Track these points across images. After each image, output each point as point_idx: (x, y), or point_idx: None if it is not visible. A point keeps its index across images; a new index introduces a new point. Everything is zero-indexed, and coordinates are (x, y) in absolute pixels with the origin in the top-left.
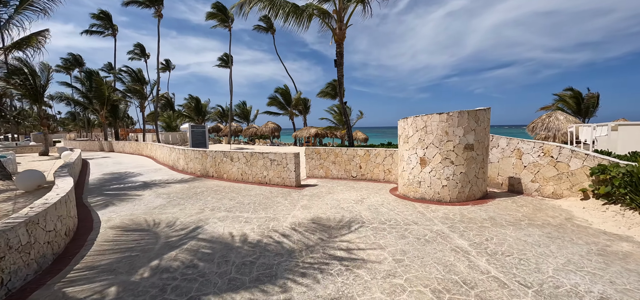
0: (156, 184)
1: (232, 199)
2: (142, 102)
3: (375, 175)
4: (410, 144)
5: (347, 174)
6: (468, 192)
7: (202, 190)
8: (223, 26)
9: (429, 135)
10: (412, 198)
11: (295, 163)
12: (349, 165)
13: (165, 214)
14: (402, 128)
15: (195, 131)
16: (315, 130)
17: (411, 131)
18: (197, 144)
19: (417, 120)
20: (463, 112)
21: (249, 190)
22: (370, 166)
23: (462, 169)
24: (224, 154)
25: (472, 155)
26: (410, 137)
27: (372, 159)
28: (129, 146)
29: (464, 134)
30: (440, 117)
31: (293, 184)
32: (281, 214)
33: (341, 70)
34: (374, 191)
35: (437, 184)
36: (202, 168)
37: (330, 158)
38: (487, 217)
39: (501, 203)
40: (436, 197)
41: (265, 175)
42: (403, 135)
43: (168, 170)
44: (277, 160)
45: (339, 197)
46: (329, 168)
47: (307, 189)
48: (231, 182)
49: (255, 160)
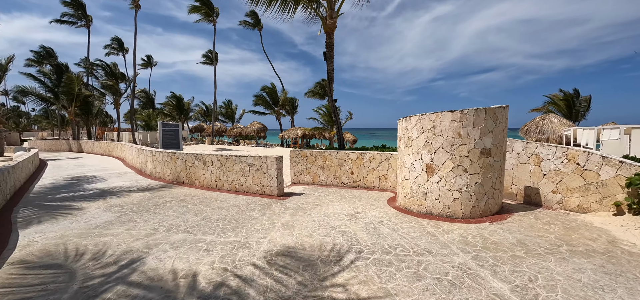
0: (113, 193)
1: (197, 214)
2: (117, 98)
3: (369, 183)
4: (414, 148)
5: (337, 180)
6: (484, 206)
7: (165, 201)
8: (207, 20)
9: (438, 137)
10: (416, 212)
11: (277, 169)
12: (339, 170)
13: (105, 236)
14: (403, 129)
15: (167, 130)
16: (303, 131)
17: (415, 132)
18: (169, 144)
19: (423, 119)
20: (480, 110)
21: (221, 201)
22: (363, 172)
23: (478, 178)
24: (196, 157)
25: (489, 162)
26: (415, 140)
27: (366, 163)
28: (98, 146)
29: (481, 136)
30: (452, 116)
31: (275, 193)
32: (255, 238)
33: (331, 64)
34: (369, 202)
35: (447, 197)
36: (171, 173)
37: (318, 162)
38: (515, 241)
39: (523, 219)
40: (446, 212)
41: (243, 183)
42: (405, 137)
43: (134, 174)
44: (256, 165)
45: (329, 211)
46: (317, 173)
47: (291, 199)
48: (203, 190)
49: (231, 164)
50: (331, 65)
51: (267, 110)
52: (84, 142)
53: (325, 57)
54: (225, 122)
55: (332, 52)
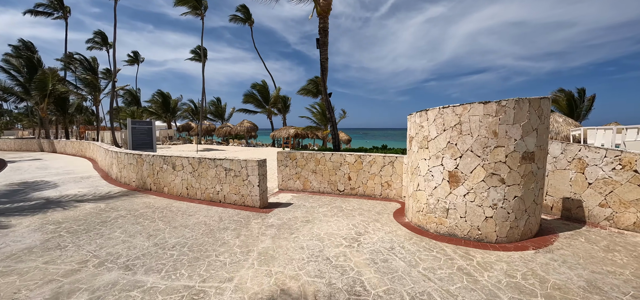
0: (60, 204)
1: (151, 236)
2: (97, 95)
3: (369, 190)
4: (431, 151)
5: (332, 187)
6: (523, 226)
7: (118, 216)
8: (195, 14)
9: (466, 137)
10: (433, 233)
11: (260, 175)
12: (334, 175)
13: (9, 274)
14: (416, 126)
15: (138, 128)
16: (295, 130)
17: (434, 131)
18: (140, 145)
19: (445, 114)
20: (522, 101)
21: (189, 216)
22: (362, 177)
23: (518, 190)
24: (165, 160)
25: (531, 169)
26: (433, 140)
27: (366, 168)
28: (71, 146)
29: (523, 136)
30: (486, 109)
31: (256, 204)
32: (216, 280)
33: (325, 52)
34: (372, 217)
35: (476, 215)
36: (137, 178)
37: (309, 165)
38: (584, 284)
39: (573, 244)
40: (475, 235)
41: (219, 191)
42: (418, 136)
43: (99, 179)
44: (234, 170)
45: (322, 231)
46: (308, 179)
47: (276, 212)
48: (172, 200)
49: (205, 169)
50: (325, 54)
51: (258, 108)
52: (57, 142)
53: (318, 45)
54: (215, 121)
55: (326, 39)
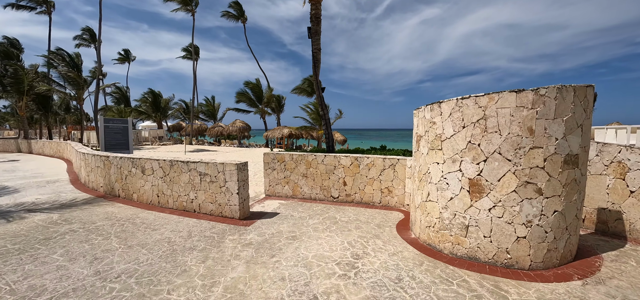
0: (8, 213)
1: (96, 260)
2: (80, 93)
3: (367, 197)
4: (447, 153)
5: (325, 193)
6: (563, 248)
7: (67, 231)
8: (185, 10)
9: (492, 135)
10: (448, 254)
11: (239, 181)
12: (327, 180)
13: None
14: (425, 122)
15: (111, 127)
16: (289, 131)
17: (450, 128)
18: (114, 145)
19: (465, 106)
20: (566, 88)
21: (152, 231)
22: (359, 182)
23: (557, 204)
24: (133, 163)
25: (574, 176)
26: (448, 140)
27: (363, 171)
28: (49, 147)
29: (566, 133)
30: (520, 99)
31: (236, 215)
32: None
33: (318, 42)
34: (371, 232)
35: (505, 234)
36: (105, 183)
37: (299, 168)
38: None
39: (623, 268)
40: (503, 259)
41: (193, 199)
42: (429, 135)
43: (67, 183)
44: (210, 174)
45: (311, 253)
46: (298, 184)
47: (258, 225)
48: (139, 209)
49: (177, 174)
50: (317, 44)
51: (251, 108)
52: (35, 142)
53: (310, 34)
54: (207, 121)
55: (318, 27)
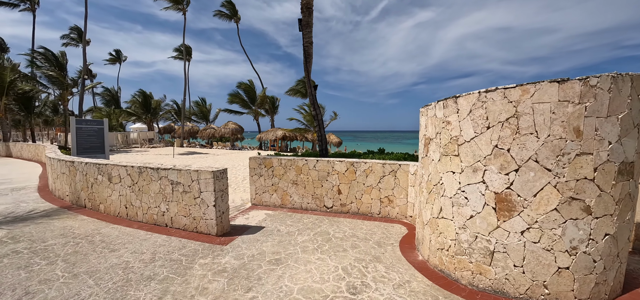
0: None
1: (26, 296)
2: (65, 93)
3: (364, 207)
4: (465, 160)
5: (317, 202)
6: (613, 281)
7: (7, 253)
8: (176, 8)
9: (527, 137)
10: (467, 286)
11: (216, 191)
12: (320, 188)
13: None
14: (436, 122)
15: (84, 129)
16: (283, 133)
17: (469, 128)
18: (87, 149)
19: (490, 100)
20: (621, 78)
21: (110, 253)
22: (356, 191)
23: (609, 225)
24: (99, 170)
25: (628, 189)
26: (468, 144)
27: (360, 178)
28: (27, 150)
29: (621, 135)
30: (563, 91)
31: (212, 230)
32: None
33: (309, 35)
34: (371, 252)
35: (543, 263)
36: (71, 191)
37: (289, 175)
38: None
39: None
40: (540, 295)
41: (164, 212)
42: (441, 137)
43: (33, 191)
44: (182, 183)
45: (297, 285)
46: (288, 192)
47: (237, 244)
48: (105, 222)
49: (147, 182)
50: (309, 37)
51: (244, 109)
52: (13, 145)
53: (301, 26)
54: (199, 123)
55: (310, 18)
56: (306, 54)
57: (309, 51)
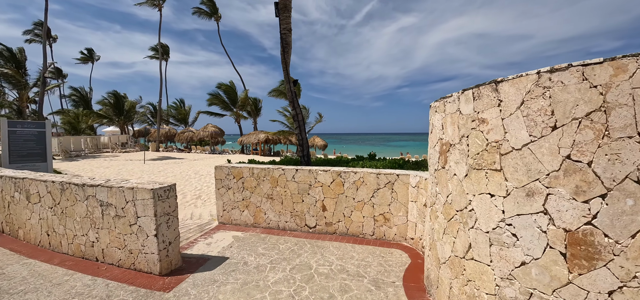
0: None
1: None
2: (23, 93)
3: (355, 227)
4: (514, 176)
5: (298, 221)
6: None
7: None
8: (152, 5)
9: (624, 143)
10: None
11: (158, 216)
12: (300, 203)
13: None
14: (463, 120)
15: (19, 133)
16: (265, 135)
17: (520, 129)
18: (23, 157)
19: (558, 84)
20: None
21: None
22: (344, 207)
23: None
24: (16, 185)
25: None
26: (514, 153)
27: (349, 192)
28: None
29: None
30: None
31: (154, 269)
32: None
33: (287, 22)
34: (367, 298)
35: None
36: None
37: (263, 187)
38: None
39: None
40: None
41: (93, 242)
42: (470, 142)
43: None
44: (115, 205)
45: None
46: (261, 208)
47: (185, 289)
48: (18, 255)
49: (71, 202)
50: (287, 23)
51: (225, 111)
52: None
53: (278, 10)
54: (177, 126)
55: (288, 2)
56: (284, 42)
57: (288, 39)
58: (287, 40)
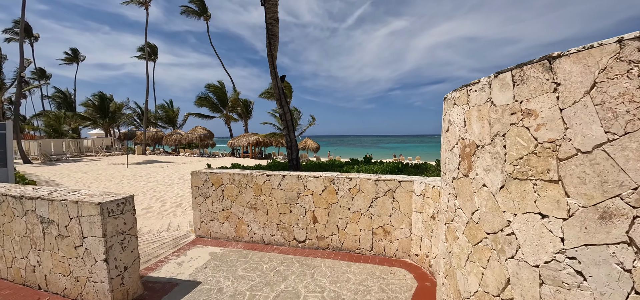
0: None
1: None
2: None
3: (350, 241)
4: (579, 192)
5: (285, 234)
6: None
7: None
8: (138, 3)
9: None
10: None
11: (108, 235)
12: (288, 214)
13: None
14: (499, 114)
15: None
16: (256, 138)
17: (595, 123)
18: None
19: None
20: None
21: None
22: (338, 218)
23: None
24: None
25: None
26: (579, 158)
27: (344, 201)
28: None
29: None
30: None
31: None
32: None
33: (274, 11)
34: None
35: None
36: None
37: (245, 196)
38: None
39: None
40: None
41: (35, 267)
42: (508, 141)
43: None
44: (57, 222)
45: None
46: (244, 219)
47: None
48: None
49: (8, 219)
50: (273, 13)
51: (214, 113)
52: None
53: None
54: (165, 128)
55: None
56: (270, 33)
57: (274, 30)
58: (273, 31)
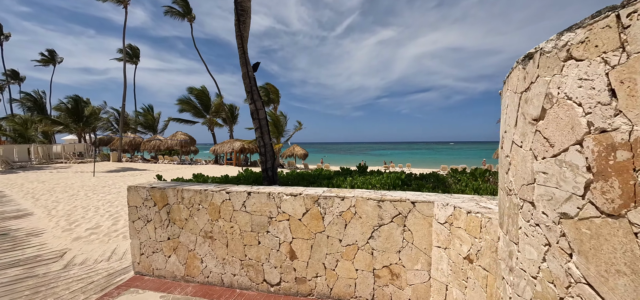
0: None
1: None
2: None
3: (342, 288)
4: None
5: (252, 274)
6: None
7: None
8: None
9: None
10: None
11: None
12: (256, 246)
13: None
14: None
15: None
16: (241, 144)
17: None
18: None
19: None
20: None
21: None
22: (325, 253)
23: None
24: None
25: None
26: None
27: (332, 229)
28: None
29: None
30: None
31: None
32: None
33: None
34: None
35: None
36: None
37: (198, 220)
38: None
39: None
40: None
41: None
42: None
43: None
44: None
45: None
46: (197, 252)
47: None
48: None
49: None
50: None
51: (197, 118)
52: None
53: None
54: (144, 134)
55: None
56: (239, 8)
57: (245, 5)
58: (243, 5)
